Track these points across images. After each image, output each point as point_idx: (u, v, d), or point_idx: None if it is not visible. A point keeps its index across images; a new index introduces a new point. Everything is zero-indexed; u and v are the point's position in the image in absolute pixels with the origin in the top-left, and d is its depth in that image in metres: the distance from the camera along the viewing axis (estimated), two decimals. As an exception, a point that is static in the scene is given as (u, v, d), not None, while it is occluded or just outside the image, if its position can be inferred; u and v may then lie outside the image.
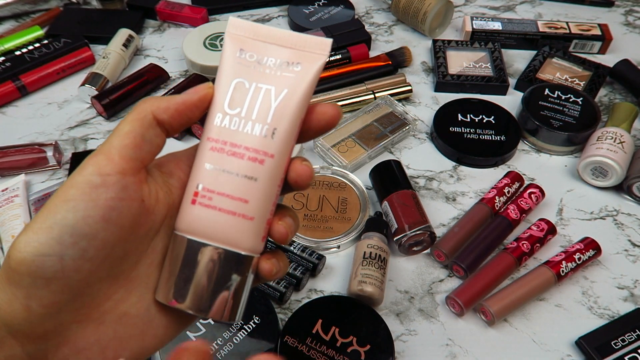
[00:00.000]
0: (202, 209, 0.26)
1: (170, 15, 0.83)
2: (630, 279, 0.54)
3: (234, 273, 0.27)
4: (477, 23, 0.81)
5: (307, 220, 0.57)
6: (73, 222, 0.23)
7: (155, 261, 0.27)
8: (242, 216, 0.26)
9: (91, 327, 0.25)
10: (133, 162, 0.25)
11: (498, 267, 0.52)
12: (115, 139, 0.25)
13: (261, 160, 0.26)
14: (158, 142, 0.26)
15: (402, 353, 0.48)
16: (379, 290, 0.50)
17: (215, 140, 0.27)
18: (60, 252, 0.22)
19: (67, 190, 0.23)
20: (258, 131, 0.26)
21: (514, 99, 0.73)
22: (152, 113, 0.26)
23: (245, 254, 0.27)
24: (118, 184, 0.24)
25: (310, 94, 0.27)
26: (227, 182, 0.26)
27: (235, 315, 0.28)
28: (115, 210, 0.24)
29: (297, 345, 0.46)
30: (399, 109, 0.69)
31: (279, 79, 0.27)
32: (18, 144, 0.64)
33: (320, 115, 0.28)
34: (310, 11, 0.84)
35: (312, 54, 0.28)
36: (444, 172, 0.64)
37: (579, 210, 0.60)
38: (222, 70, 0.27)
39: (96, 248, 0.23)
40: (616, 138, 0.61)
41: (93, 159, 0.24)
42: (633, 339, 0.48)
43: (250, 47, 0.28)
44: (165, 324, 0.27)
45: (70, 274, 0.23)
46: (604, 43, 0.79)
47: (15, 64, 0.72)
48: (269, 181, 0.27)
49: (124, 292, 0.26)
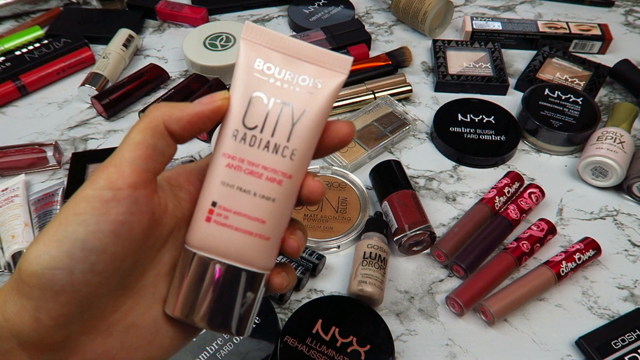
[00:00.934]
0: (218, 227, 0.26)
1: (170, 15, 0.83)
2: (630, 279, 0.54)
3: (248, 290, 0.27)
4: (477, 23, 0.81)
5: (307, 220, 0.57)
6: (84, 236, 0.23)
7: (162, 271, 0.27)
8: (259, 236, 0.26)
9: (99, 339, 0.25)
10: (144, 174, 0.25)
11: (498, 267, 0.52)
12: (126, 150, 0.24)
13: (279, 180, 0.26)
14: (170, 152, 0.26)
15: (402, 353, 0.48)
16: (379, 290, 0.50)
17: (231, 157, 0.26)
18: (70, 265, 0.22)
19: (78, 203, 0.23)
20: (277, 151, 0.26)
21: (514, 99, 0.73)
22: (163, 123, 0.25)
23: (259, 271, 0.27)
24: (129, 198, 0.24)
25: (329, 113, 0.27)
26: (244, 202, 0.26)
27: (245, 328, 0.28)
28: (125, 224, 0.24)
29: (297, 345, 0.46)
30: (399, 109, 0.69)
31: (299, 96, 0.26)
32: (18, 144, 0.64)
33: (334, 133, 0.28)
34: (310, 11, 0.84)
35: (332, 71, 0.27)
36: (444, 172, 0.64)
37: (579, 210, 0.60)
38: (238, 80, 0.26)
39: (105, 262, 0.23)
40: (616, 138, 0.61)
41: (105, 172, 0.24)
42: (633, 339, 0.48)
43: (268, 58, 0.27)
44: (171, 335, 0.28)
45: (80, 287, 0.23)
46: (604, 43, 0.79)
47: (16, 64, 0.72)
48: (285, 201, 0.27)
49: (131, 303, 0.26)
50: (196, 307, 0.26)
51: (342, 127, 0.28)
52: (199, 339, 0.46)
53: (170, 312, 0.27)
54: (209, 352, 0.45)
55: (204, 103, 0.26)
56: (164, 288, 0.28)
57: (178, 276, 0.27)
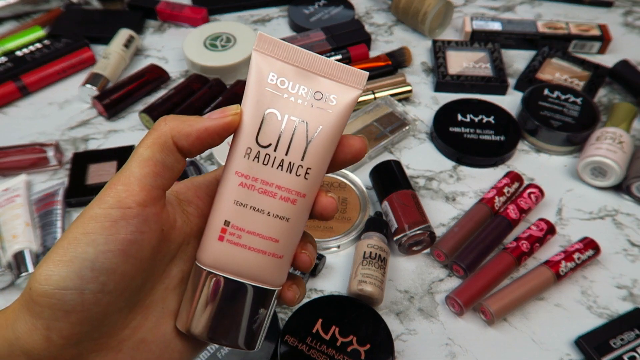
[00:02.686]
0: (231, 246, 0.26)
1: (171, 15, 0.83)
2: (629, 279, 0.54)
3: (260, 307, 0.27)
4: (476, 23, 0.81)
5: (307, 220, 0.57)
6: (93, 256, 0.23)
7: (171, 285, 0.27)
8: (272, 255, 0.26)
9: (109, 356, 0.25)
10: (154, 191, 0.24)
11: (498, 267, 0.52)
12: (135, 167, 0.24)
13: (293, 200, 0.26)
14: (179, 167, 0.26)
15: (402, 352, 0.49)
16: (378, 290, 0.50)
17: (244, 176, 0.25)
18: (80, 286, 0.22)
19: (87, 222, 0.23)
20: (292, 170, 0.25)
21: (514, 99, 0.73)
22: (172, 138, 0.25)
23: (272, 288, 0.27)
24: (139, 217, 0.24)
25: (343, 129, 0.26)
26: (258, 222, 0.26)
27: (256, 343, 0.28)
28: (135, 243, 0.24)
29: (298, 344, 0.46)
30: (398, 109, 0.69)
31: (313, 113, 0.26)
32: (19, 144, 0.64)
33: (347, 149, 0.27)
34: (310, 11, 0.84)
35: (347, 86, 0.26)
36: (443, 172, 0.64)
37: (578, 210, 0.60)
38: (250, 95, 0.26)
39: (115, 281, 0.23)
40: (615, 138, 0.61)
41: (113, 190, 0.24)
42: (632, 338, 0.48)
43: (281, 72, 0.26)
44: (180, 349, 0.27)
45: (90, 306, 0.23)
46: (603, 43, 0.79)
47: (16, 64, 0.72)
48: (299, 220, 0.26)
49: (140, 319, 0.26)
50: (209, 324, 0.26)
51: (355, 142, 0.27)
52: (200, 339, 0.46)
53: (183, 328, 0.27)
54: (209, 351, 0.45)
55: (214, 118, 0.25)
56: (173, 302, 0.27)
57: (189, 292, 0.27)
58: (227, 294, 0.26)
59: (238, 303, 0.26)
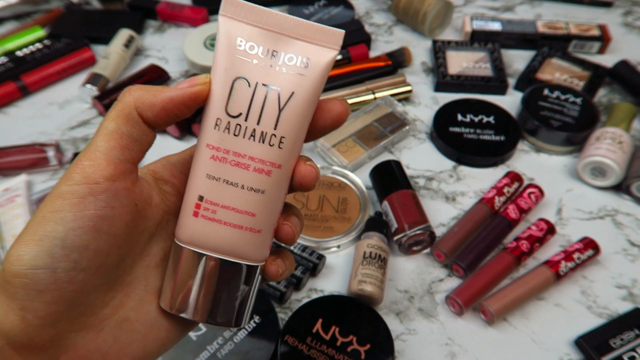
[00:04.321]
0: (206, 222, 0.25)
1: (171, 15, 0.83)
2: (629, 279, 0.54)
3: (241, 282, 0.26)
4: (476, 23, 0.81)
5: (307, 220, 0.57)
6: (63, 234, 0.22)
7: (152, 263, 0.27)
8: (249, 230, 0.25)
9: (91, 335, 0.24)
10: (122, 165, 0.24)
11: (497, 267, 0.52)
12: (100, 141, 0.23)
13: (268, 171, 0.25)
14: (147, 139, 0.25)
15: (402, 352, 0.49)
16: (378, 289, 0.50)
17: (215, 148, 0.24)
18: (51, 264, 0.22)
19: (54, 201, 0.22)
20: (264, 140, 0.24)
21: (514, 99, 0.73)
22: (136, 109, 0.24)
23: (252, 264, 0.26)
24: (107, 192, 0.23)
25: (319, 94, 0.25)
26: (232, 195, 0.25)
27: (241, 320, 0.27)
28: (106, 219, 0.23)
29: (298, 344, 0.46)
30: (398, 109, 0.69)
31: (286, 78, 0.24)
32: (19, 143, 0.64)
33: (327, 114, 0.26)
34: (310, 11, 0.84)
35: (322, 47, 0.25)
36: (443, 172, 0.64)
37: (578, 210, 0.61)
38: (218, 63, 0.24)
39: (89, 258, 0.23)
40: (615, 138, 0.61)
41: (79, 166, 0.23)
42: (632, 338, 0.48)
43: (250, 37, 0.24)
44: (167, 328, 0.27)
45: (64, 285, 0.22)
46: (603, 43, 0.79)
47: (17, 64, 0.72)
48: (276, 192, 0.25)
49: (121, 297, 0.26)
50: (190, 302, 0.26)
51: (335, 105, 0.26)
52: (200, 339, 0.46)
53: (165, 306, 0.26)
54: (209, 351, 0.45)
55: (181, 88, 0.24)
56: (156, 280, 0.27)
57: (170, 270, 0.26)
58: (205, 271, 0.25)
59: (218, 280, 0.26)
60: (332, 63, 0.25)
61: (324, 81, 0.25)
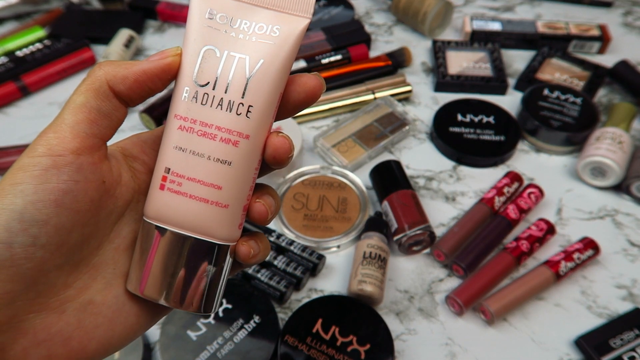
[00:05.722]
0: (172, 195, 0.24)
1: (171, 15, 0.83)
2: (629, 279, 0.54)
3: (209, 263, 0.25)
4: (476, 23, 0.82)
5: (307, 220, 0.57)
6: (22, 207, 0.21)
7: (122, 246, 0.26)
8: (215, 204, 0.24)
9: (51, 317, 0.23)
10: (89, 140, 0.23)
11: (497, 267, 0.52)
12: (67, 114, 0.23)
13: (235, 142, 0.24)
14: (118, 115, 0.24)
15: (402, 352, 0.49)
16: (378, 289, 0.50)
17: (183, 118, 0.24)
18: (8, 239, 0.21)
19: (15, 173, 0.21)
20: (232, 109, 0.24)
21: (514, 99, 0.73)
22: (107, 83, 0.23)
23: (221, 243, 0.25)
24: (72, 165, 0.22)
25: (291, 64, 0.25)
26: (198, 167, 0.24)
27: (211, 306, 0.26)
28: (69, 193, 0.22)
29: (298, 344, 0.46)
30: (398, 109, 0.69)
31: (254, 47, 0.24)
32: (19, 143, 0.64)
33: (300, 87, 0.25)
34: (311, 12, 0.84)
35: (292, 15, 0.24)
36: (443, 172, 0.64)
37: (578, 210, 0.61)
38: (189, 34, 0.24)
39: (48, 234, 0.22)
40: (615, 138, 0.61)
41: (43, 138, 0.22)
42: (632, 338, 0.48)
43: (221, 7, 0.24)
44: (137, 312, 0.26)
45: (21, 262, 0.21)
46: (603, 43, 0.79)
47: (17, 65, 0.72)
48: (244, 165, 0.24)
49: (87, 279, 0.24)
50: (156, 284, 0.25)
51: (309, 80, 0.25)
52: (200, 339, 0.46)
53: (132, 289, 0.25)
54: (209, 351, 0.45)
55: (153, 60, 0.24)
56: (125, 263, 0.26)
57: (138, 250, 0.25)
58: (171, 248, 0.24)
59: (183, 259, 0.24)
60: (303, 32, 0.25)
61: (295, 50, 0.24)
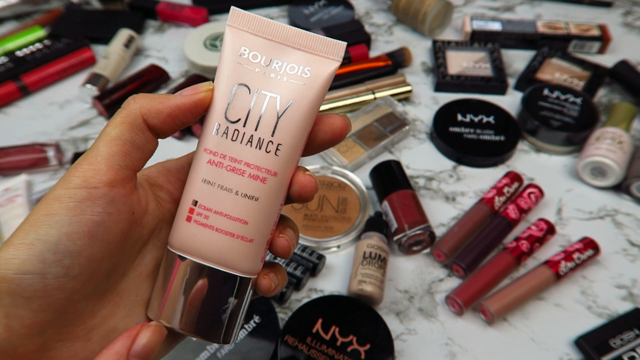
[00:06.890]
0: (198, 227, 0.25)
1: (171, 15, 0.83)
2: (629, 279, 0.54)
3: (231, 296, 0.25)
4: (476, 23, 0.82)
5: (307, 220, 0.57)
6: (56, 238, 0.21)
7: (144, 273, 0.26)
8: (241, 238, 0.25)
9: (77, 345, 0.23)
10: (122, 172, 0.23)
11: (497, 267, 0.52)
12: (102, 146, 0.23)
13: (263, 178, 0.24)
14: (149, 147, 0.25)
15: (402, 352, 0.49)
16: (378, 289, 0.50)
17: (213, 152, 0.24)
18: (42, 270, 0.21)
19: (50, 203, 0.22)
20: (261, 146, 0.24)
21: (514, 99, 0.73)
22: (142, 116, 0.24)
23: (243, 276, 0.26)
24: (105, 197, 0.22)
25: (320, 104, 0.25)
26: (226, 201, 0.24)
27: (230, 337, 0.26)
28: (102, 225, 0.22)
29: (298, 344, 0.46)
30: (398, 109, 0.69)
31: (286, 86, 0.24)
32: (19, 144, 0.64)
33: (327, 127, 0.26)
34: (310, 12, 0.84)
35: (323, 57, 0.25)
36: (443, 172, 0.64)
37: (578, 210, 0.61)
38: (222, 71, 0.25)
39: (81, 265, 0.22)
40: (615, 138, 0.61)
41: (78, 170, 0.22)
42: (632, 338, 0.48)
43: (254, 46, 0.25)
44: None
45: (53, 292, 0.21)
46: (603, 43, 0.79)
47: (17, 64, 0.72)
48: (270, 201, 0.25)
49: (111, 307, 0.25)
50: (177, 312, 0.25)
51: (336, 120, 0.26)
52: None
53: (153, 316, 0.25)
54: (209, 351, 0.45)
55: (186, 95, 0.24)
56: (147, 290, 0.26)
57: (160, 279, 0.26)
58: (194, 279, 0.25)
59: (206, 290, 0.25)
60: (333, 74, 0.25)
61: (324, 92, 0.25)
